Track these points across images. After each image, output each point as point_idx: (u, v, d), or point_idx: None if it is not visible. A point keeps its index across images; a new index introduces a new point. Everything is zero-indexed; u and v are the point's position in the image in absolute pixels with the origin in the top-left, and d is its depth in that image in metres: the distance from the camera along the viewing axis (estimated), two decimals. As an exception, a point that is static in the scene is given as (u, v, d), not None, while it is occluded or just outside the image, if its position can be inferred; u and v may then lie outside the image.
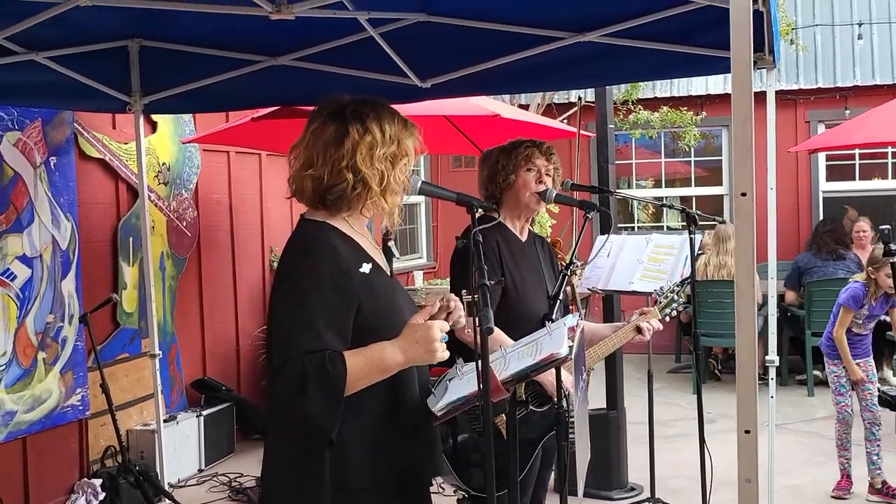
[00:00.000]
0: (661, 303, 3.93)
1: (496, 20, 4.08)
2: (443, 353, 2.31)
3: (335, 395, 2.23)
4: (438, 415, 2.39)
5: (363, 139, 2.41)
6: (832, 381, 5.90)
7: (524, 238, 3.71)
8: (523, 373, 2.38)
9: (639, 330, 3.79)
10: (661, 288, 4.10)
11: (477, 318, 2.19)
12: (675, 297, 3.99)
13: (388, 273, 2.59)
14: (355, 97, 2.51)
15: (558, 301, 3.29)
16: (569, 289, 6.22)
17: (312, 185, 2.43)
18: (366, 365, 2.28)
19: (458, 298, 2.46)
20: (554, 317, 3.16)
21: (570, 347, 2.41)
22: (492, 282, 2.22)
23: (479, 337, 2.21)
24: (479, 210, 2.53)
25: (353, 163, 2.39)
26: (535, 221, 6.96)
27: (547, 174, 3.68)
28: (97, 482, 5.88)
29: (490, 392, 2.26)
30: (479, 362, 2.22)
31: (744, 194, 1.87)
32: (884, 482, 5.75)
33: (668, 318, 3.98)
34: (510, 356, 2.52)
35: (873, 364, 5.91)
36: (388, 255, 5.80)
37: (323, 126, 2.45)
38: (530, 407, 3.32)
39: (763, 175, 3.72)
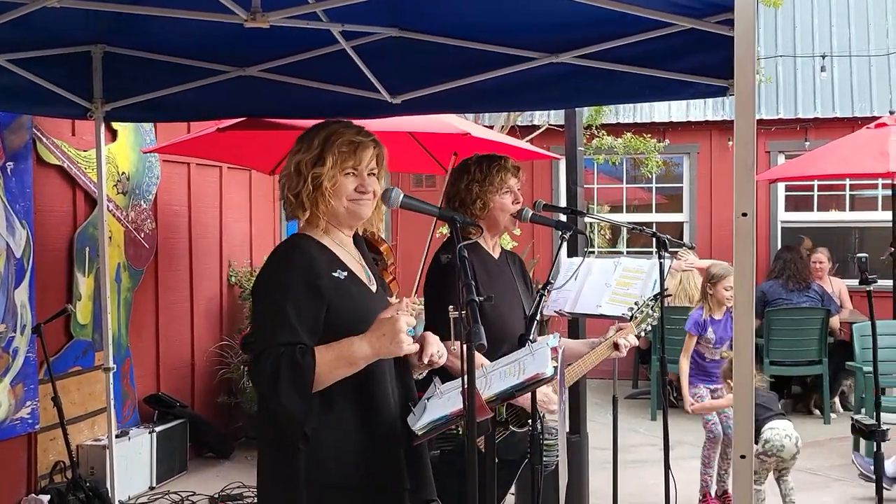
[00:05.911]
0: (636, 318, 3.91)
1: (468, 38, 4.05)
2: (409, 346, 2.42)
3: (305, 384, 2.39)
4: (419, 434, 2.34)
5: (295, 150, 2.73)
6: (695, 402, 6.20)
7: (497, 255, 3.68)
8: (508, 392, 2.33)
9: (616, 346, 3.78)
10: (635, 304, 4.08)
11: (466, 335, 2.13)
12: (650, 312, 3.96)
13: (373, 288, 2.73)
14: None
15: (535, 321, 3.24)
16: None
17: (288, 192, 2.71)
18: (335, 358, 2.43)
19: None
20: (531, 337, 3.10)
21: (555, 368, 2.36)
22: (480, 298, 2.16)
23: (466, 353, 2.14)
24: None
25: (296, 167, 2.68)
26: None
27: (519, 192, 3.68)
28: (45, 498, 5.69)
29: (475, 411, 2.19)
30: (466, 379, 2.16)
31: (745, 214, 1.83)
32: (725, 491, 6.06)
33: (643, 334, 3.97)
34: (492, 375, 2.46)
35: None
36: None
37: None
38: (511, 428, 3.26)
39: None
